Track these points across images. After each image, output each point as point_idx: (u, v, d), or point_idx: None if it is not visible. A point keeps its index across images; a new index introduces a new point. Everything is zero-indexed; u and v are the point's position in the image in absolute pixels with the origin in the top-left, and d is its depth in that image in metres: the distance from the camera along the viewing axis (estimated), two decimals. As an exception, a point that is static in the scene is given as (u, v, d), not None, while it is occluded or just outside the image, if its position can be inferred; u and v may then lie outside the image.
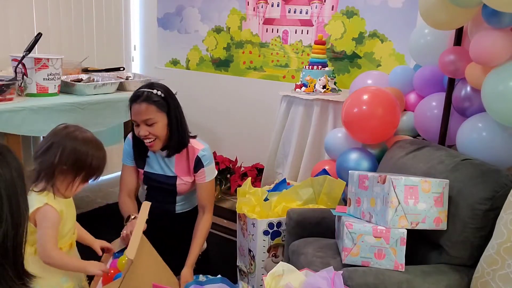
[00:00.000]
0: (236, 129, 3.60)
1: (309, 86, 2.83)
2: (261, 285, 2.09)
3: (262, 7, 3.33)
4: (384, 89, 2.28)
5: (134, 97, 2.05)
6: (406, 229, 1.56)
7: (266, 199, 2.19)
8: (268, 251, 2.13)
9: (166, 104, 2.05)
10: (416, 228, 1.58)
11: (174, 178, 2.18)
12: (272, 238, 2.12)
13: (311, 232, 1.98)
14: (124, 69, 3.18)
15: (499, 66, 1.68)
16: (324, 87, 2.82)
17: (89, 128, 2.48)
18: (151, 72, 3.80)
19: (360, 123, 2.23)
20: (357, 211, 1.75)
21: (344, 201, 2.07)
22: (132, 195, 2.24)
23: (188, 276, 2.06)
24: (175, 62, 3.88)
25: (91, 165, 1.63)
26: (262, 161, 3.27)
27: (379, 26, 2.90)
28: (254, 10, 3.37)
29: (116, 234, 2.01)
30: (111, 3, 3.67)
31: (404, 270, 1.55)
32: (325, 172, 2.31)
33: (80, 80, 2.72)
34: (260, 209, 2.14)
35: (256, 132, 3.45)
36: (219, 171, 3.39)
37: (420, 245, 1.74)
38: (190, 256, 2.12)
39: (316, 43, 2.94)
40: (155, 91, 2.03)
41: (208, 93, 3.71)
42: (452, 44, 2.02)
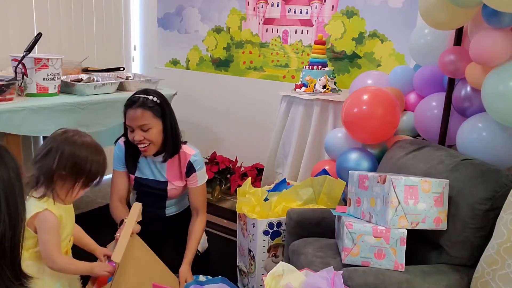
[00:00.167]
0: (236, 129, 3.60)
1: (309, 86, 2.83)
2: (261, 285, 2.09)
3: (262, 7, 3.33)
4: (384, 89, 2.28)
5: (130, 103, 2.06)
6: (406, 229, 1.56)
7: (266, 199, 2.19)
8: (268, 251, 2.13)
9: (161, 110, 2.07)
10: (416, 228, 1.58)
11: (165, 183, 2.20)
12: (272, 238, 2.12)
13: (311, 232, 1.98)
14: (124, 69, 3.17)
15: (499, 66, 1.68)
16: (324, 87, 2.82)
17: (89, 128, 2.53)
18: (151, 72, 3.80)
19: (360, 123, 2.23)
20: (357, 211, 1.75)
21: (344, 201, 2.07)
22: (123, 201, 2.24)
23: (187, 273, 2.07)
24: (175, 62, 3.88)
25: (91, 170, 1.60)
26: (262, 161, 3.27)
27: (379, 26, 2.90)
28: (254, 10, 3.37)
29: (116, 234, 2.01)
30: (111, 3, 3.67)
31: (404, 270, 1.55)
32: (325, 172, 2.31)
33: (80, 80, 2.72)
34: (260, 209, 2.14)
35: (256, 132, 3.45)
36: (219, 171, 3.40)
37: (420, 245, 1.74)
38: (187, 254, 2.13)
39: (316, 43, 2.94)
40: (151, 97, 2.05)
41: (208, 93, 3.71)
42: (452, 44, 2.02)
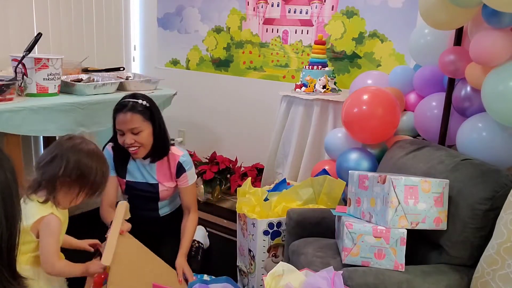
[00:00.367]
0: (236, 129, 3.60)
1: (309, 86, 2.83)
2: (261, 285, 2.09)
3: (262, 7, 3.33)
4: (384, 89, 2.28)
5: (119, 107, 2.09)
6: (406, 229, 1.56)
7: (266, 199, 2.19)
8: (268, 251, 2.13)
9: (150, 113, 2.11)
10: (416, 228, 1.58)
11: (157, 185, 2.23)
12: (272, 238, 2.12)
13: (311, 232, 1.98)
14: (124, 69, 3.17)
15: (499, 66, 1.68)
16: (324, 87, 2.82)
17: (89, 128, 2.53)
18: (151, 72, 3.80)
19: (360, 123, 2.23)
20: (357, 211, 1.75)
21: (344, 201, 2.07)
22: (114, 206, 2.24)
23: (183, 264, 2.10)
24: (175, 62, 3.88)
25: (95, 180, 1.61)
26: (262, 161, 3.27)
27: (379, 26, 2.90)
28: (254, 10, 3.37)
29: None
30: (111, 3, 3.67)
31: (404, 270, 1.55)
32: (325, 172, 2.31)
33: (80, 80, 2.72)
34: (260, 209, 2.14)
35: (256, 132, 3.45)
36: (219, 171, 3.39)
37: (420, 245, 1.74)
38: (182, 246, 2.17)
39: (316, 43, 2.94)
40: (140, 101, 2.09)
41: (208, 93, 3.71)
42: (452, 44, 2.02)
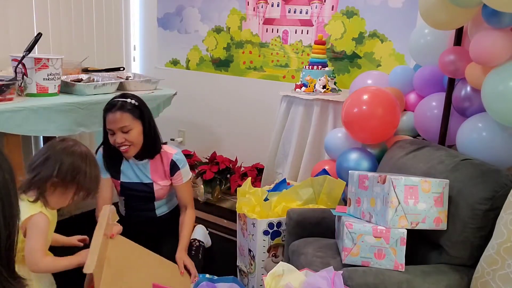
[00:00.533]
0: (236, 129, 3.60)
1: (309, 86, 2.83)
2: (261, 285, 2.09)
3: (262, 7, 3.33)
4: (384, 89, 2.28)
5: (109, 107, 2.12)
6: (406, 229, 1.56)
7: (266, 199, 2.19)
8: (268, 251, 2.13)
9: (140, 112, 2.13)
10: (416, 228, 1.58)
11: (151, 184, 2.24)
12: (272, 238, 2.12)
13: (311, 232, 1.98)
14: (124, 69, 3.17)
15: (499, 66, 1.68)
16: (324, 87, 2.82)
17: (89, 128, 2.53)
18: (151, 72, 3.80)
19: (360, 123, 2.23)
20: (357, 211, 1.75)
21: (344, 201, 2.07)
22: None
23: (183, 257, 2.11)
24: (175, 62, 3.88)
25: (88, 182, 1.62)
26: (262, 161, 3.27)
27: (379, 26, 2.90)
28: (254, 10, 3.37)
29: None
30: (111, 3, 3.67)
31: (404, 270, 1.55)
32: (325, 172, 2.31)
33: (80, 80, 2.72)
34: (260, 209, 2.14)
35: (256, 132, 3.45)
36: (219, 171, 3.39)
37: (420, 245, 1.74)
38: (182, 240, 2.18)
39: (316, 43, 2.94)
40: (129, 100, 2.12)
41: (208, 93, 3.71)
42: (452, 44, 2.02)
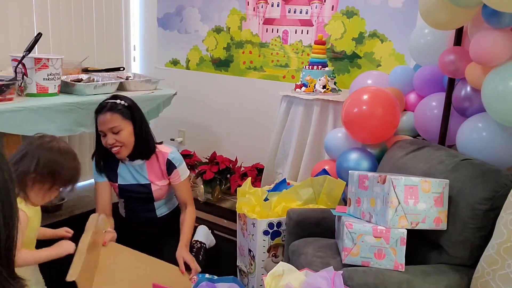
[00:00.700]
0: (236, 129, 3.60)
1: (309, 86, 2.83)
2: (261, 285, 2.09)
3: (262, 7, 3.33)
4: (384, 89, 2.28)
5: (99, 108, 2.14)
6: (406, 229, 1.56)
7: (266, 199, 2.19)
8: (268, 251, 2.13)
9: (130, 112, 2.13)
10: (416, 228, 1.58)
11: (149, 185, 2.24)
12: (272, 238, 2.12)
13: (311, 232, 1.98)
14: (124, 69, 3.18)
15: (499, 66, 1.68)
16: (324, 87, 2.82)
17: (89, 128, 2.53)
18: (151, 72, 3.80)
19: (360, 123, 2.23)
20: (357, 211, 1.75)
21: (344, 201, 2.07)
22: (108, 212, 2.26)
23: (184, 253, 2.11)
24: (175, 62, 3.88)
25: (66, 176, 1.63)
26: (262, 161, 3.27)
27: (379, 26, 2.90)
28: (254, 10, 3.37)
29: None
30: (111, 3, 3.67)
31: (404, 270, 1.55)
32: (325, 172, 2.31)
33: (80, 80, 2.72)
34: (260, 209, 2.14)
35: (256, 132, 3.45)
36: (219, 171, 3.39)
37: (420, 245, 1.74)
38: (183, 237, 2.18)
39: (316, 43, 2.94)
40: (119, 101, 2.13)
41: (208, 93, 3.71)
42: (452, 44, 2.02)
